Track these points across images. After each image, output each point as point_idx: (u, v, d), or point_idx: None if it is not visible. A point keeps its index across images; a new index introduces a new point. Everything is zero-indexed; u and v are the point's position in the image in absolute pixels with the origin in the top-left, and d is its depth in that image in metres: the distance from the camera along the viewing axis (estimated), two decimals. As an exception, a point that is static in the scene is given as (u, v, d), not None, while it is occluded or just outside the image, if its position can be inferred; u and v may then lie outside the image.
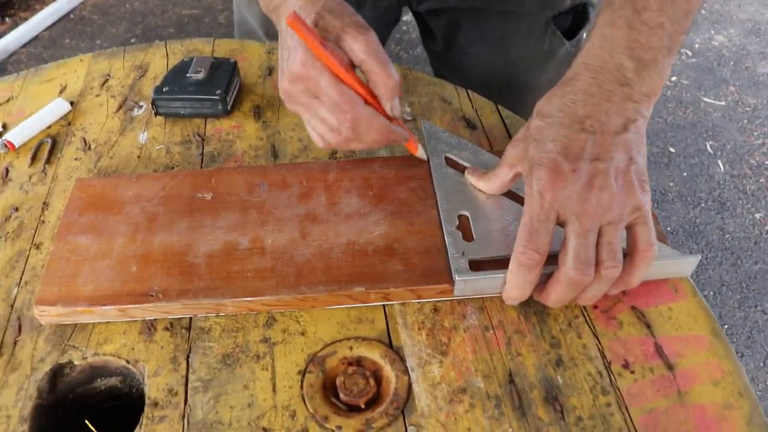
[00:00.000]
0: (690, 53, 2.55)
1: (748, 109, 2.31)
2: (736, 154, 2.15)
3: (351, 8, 0.60)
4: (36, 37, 2.70)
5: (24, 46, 2.65)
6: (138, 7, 2.88)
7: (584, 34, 0.98)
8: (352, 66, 0.59)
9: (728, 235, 1.93)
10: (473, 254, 0.59)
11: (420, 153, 0.68)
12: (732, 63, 2.51)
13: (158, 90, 0.80)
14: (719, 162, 2.13)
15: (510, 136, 0.76)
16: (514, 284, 0.56)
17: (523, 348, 0.57)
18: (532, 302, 0.59)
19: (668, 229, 1.93)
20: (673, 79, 2.43)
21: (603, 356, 0.56)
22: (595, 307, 0.60)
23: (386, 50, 0.60)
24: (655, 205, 1.98)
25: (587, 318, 0.59)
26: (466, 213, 0.63)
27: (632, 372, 0.55)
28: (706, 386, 0.55)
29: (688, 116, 2.29)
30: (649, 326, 0.58)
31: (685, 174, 2.09)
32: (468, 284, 0.58)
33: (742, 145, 2.18)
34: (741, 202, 2.01)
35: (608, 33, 0.56)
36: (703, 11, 2.77)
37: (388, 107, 0.61)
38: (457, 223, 0.62)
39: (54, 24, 2.77)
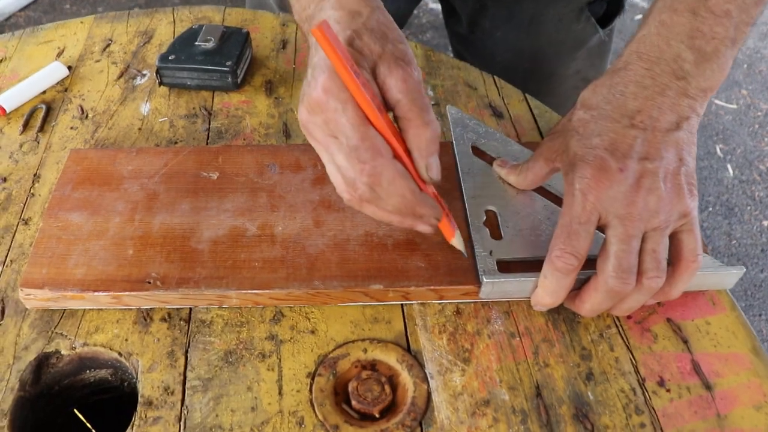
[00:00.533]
0: (703, 53, 2.50)
1: (759, 113, 2.27)
2: (745, 159, 2.11)
3: (399, 32, 0.50)
4: (35, 1, 2.62)
5: (23, 9, 2.57)
6: (141, -25, 2.80)
7: (617, 23, 0.93)
8: (385, 106, 0.47)
9: (735, 241, 1.89)
10: (501, 254, 0.55)
11: (456, 242, 0.53)
12: (745, 66, 2.46)
13: (164, 58, 0.74)
14: (728, 166, 2.08)
15: (539, 127, 0.71)
16: (546, 290, 0.51)
17: (552, 358, 0.52)
18: (561, 309, 0.55)
19: (675, 231, 1.89)
20: (685, 78, 2.38)
21: (637, 371, 0.52)
22: (629, 317, 0.55)
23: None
24: (663, 207, 1.95)
25: (620, 329, 0.54)
26: (494, 209, 0.58)
27: (668, 390, 0.51)
28: (748, 410, 0.50)
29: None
30: (686, 341, 0.54)
31: (693, 176, 2.05)
32: (496, 287, 0.53)
33: (752, 150, 2.14)
34: (749, 208, 1.97)
35: (667, 19, 0.51)
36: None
37: (423, 167, 0.48)
38: (485, 218, 0.57)
39: (54, -12, 2.70)
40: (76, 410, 0.56)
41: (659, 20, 0.51)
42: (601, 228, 0.49)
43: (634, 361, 0.52)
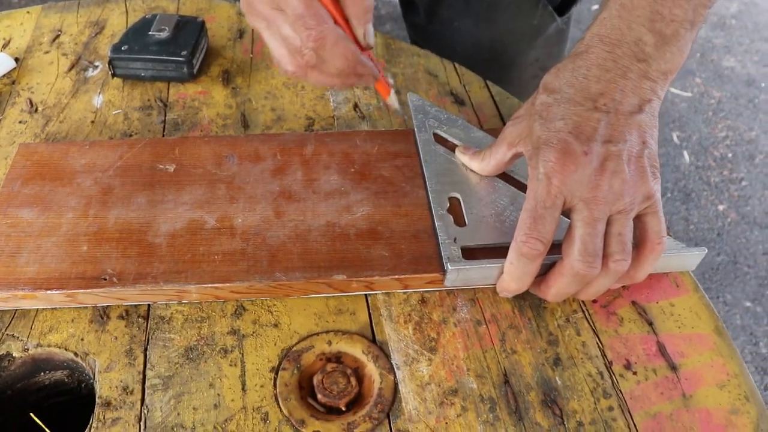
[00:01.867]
0: (658, 42, 2.54)
1: (713, 101, 2.31)
2: (701, 146, 2.15)
3: None
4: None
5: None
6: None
7: (574, 12, 0.93)
8: None
9: (692, 226, 1.92)
10: (466, 241, 0.54)
11: (391, 100, 0.59)
12: (698, 55, 2.50)
13: (116, 49, 0.72)
14: (685, 153, 2.12)
15: (500, 114, 0.71)
16: (512, 276, 0.50)
17: (519, 345, 0.52)
18: (527, 295, 0.54)
19: (634, 218, 1.92)
20: (641, 67, 2.41)
21: (604, 355, 0.52)
22: (594, 301, 0.55)
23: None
24: (622, 194, 1.97)
25: (586, 313, 0.54)
26: (457, 195, 0.58)
27: (635, 373, 0.51)
28: (712, 389, 0.51)
29: (655, 105, 2.28)
30: (651, 323, 0.54)
31: (651, 163, 2.08)
32: (461, 274, 0.52)
33: (707, 137, 2.18)
34: (705, 193, 2.01)
35: (627, 2, 0.51)
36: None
37: (361, 33, 0.53)
38: (448, 205, 0.57)
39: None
40: (32, 414, 0.54)
41: (620, 3, 0.51)
42: (566, 212, 0.49)
43: (600, 345, 0.52)
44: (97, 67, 0.76)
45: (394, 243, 0.54)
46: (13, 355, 0.51)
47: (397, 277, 0.53)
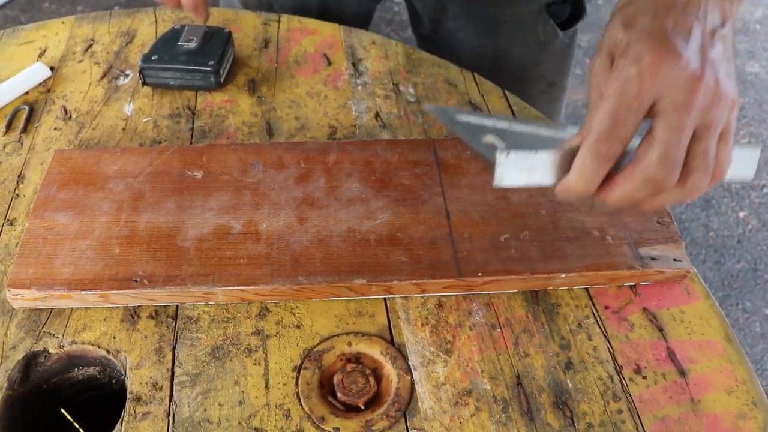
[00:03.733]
0: (680, 47, 2.54)
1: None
2: (722, 152, 2.15)
3: None
4: (12, 0, 2.60)
5: (0, 7, 2.55)
6: (120, -26, 2.79)
7: (579, 27, 0.95)
8: None
9: (712, 233, 1.92)
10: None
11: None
12: (721, 59, 2.50)
13: (146, 58, 0.75)
14: (706, 158, 2.12)
15: (517, 124, 0.73)
16: (583, 176, 0.46)
17: (532, 349, 0.54)
18: (540, 300, 0.56)
19: (654, 224, 1.92)
20: (663, 72, 2.42)
21: (614, 360, 0.53)
22: (606, 307, 0.57)
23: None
24: (642, 200, 1.98)
25: (598, 319, 0.56)
26: (495, 142, 0.57)
27: (644, 377, 0.53)
28: (720, 395, 0.52)
29: (676, 111, 2.28)
30: (661, 329, 0.56)
31: (671, 169, 2.08)
32: (512, 163, 0.47)
33: (729, 143, 2.17)
34: (726, 200, 2.01)
35: None
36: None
37: None
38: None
39: (32, -13, 2.68)
40: (63, 410, 0.57)
41: None
42: (649, 115, 0.46)
43: (611, 350, 0.54)
44: (128, 75, 0.79)
45: (413, 249, 0.56)
46: (50, 351, 0.54)
47: (415, 281, 0.55)
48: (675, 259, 0.58)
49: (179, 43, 0.77)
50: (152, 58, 0.75)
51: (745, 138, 2.19)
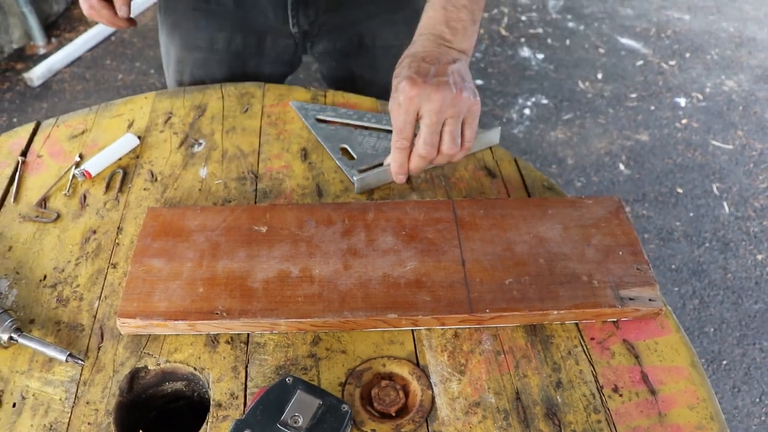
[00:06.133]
0: (701, 97, 2.65)
1: (754, 153, 2.41)
2: (741, 197, 2.24)
3: None
4: (79, 58, 2.84)
5: (68, 65, 2.79)
6: (174, 32, 3.02)
7: None
8: None
9: (730, 275, 2.01)
10: (359, 166, 0.89)
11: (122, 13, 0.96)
12: (741, 108, 2.60)
13: (238, 428, 0.59)
14: (725, 204, 2.22)
15: (525, 186, 0.87)
16: (396, 163, 0.80)
17: (529, 371, 0.67)
18: (537, 332, 0.70)
19: (672, 266, 2.02)
20: (684, 121, 2.53)
21: (596, 381, 0.67)
22: (592, 338, 0.70)
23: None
24: (662, 243, 2.08)
25: (584, 348, 0.69)
26: (345, 145, 0.93)
27: (621, 395, 0.66)
28: (683, 410, 0.65)
29: (696, 158, 2.38)
30: (637, 357, 0.69)
31: (691, 214, 2.18)
32: (364, 180, 0.85)
33: (747, 188, 2.27)
34: (744, 243, 2.10)
35: (431, 13, 0.82)
36: (715, 56, 2.88)
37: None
38: (341, 153, 0.91)
39: (96, 45, 2.92)
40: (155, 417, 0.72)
41: (427, 15, 0.82)
42: (419, 120, 0.76)
43: (594, 373, 0.67)
44: (201, 144, 0.95)
45: (435, 290, 0.71)
46: (149, 367, 0.69)
47: (436, 316, 0.69)
48: (650, 299, 0.71)
49: (283, 419, 0.59)
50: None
51: (764, 183, 2.28)
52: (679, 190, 2.26)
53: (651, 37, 3.01)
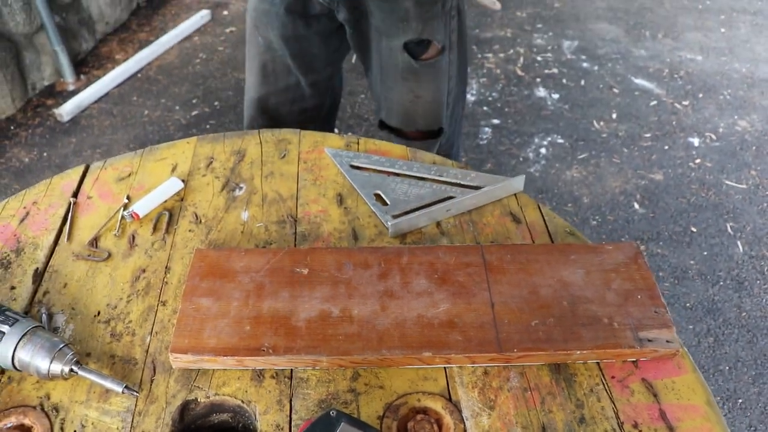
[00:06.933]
0: (714, 137, 2.71)
1: (768, 193, 2.45)
2: (755, 236, 2.28)
3: None
4: (107, 94, 2.94)
5: (96, 101, 2.89)
6: (199, 70, 3.12)
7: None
8: None
9: (745, 314, 2.04)
10: (392, 211, 0.95)
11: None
12: (754, 148, 2.65)
13: None
14: (739, 243, 2.26)
15: (548, 231, 0.92)
16: None
17: (554, 407, 0.72)
18: (561, 370, 0.75)
19: (687, 305, 2.06)
20: (697, 161, 2.58)
21: (617, 417, 0.71)
22: (613, 377, 0.75)
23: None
24: (676, 282, 2.11)
25: (606, 386, 0.74)
26: (378, 191, 0.98)
27: (640, 431, 0.70)
28: (700, 446, 0.69)
29: (710, 198, 2.43)
30: (656, 395, 0.73)
31: (705, 253, 2.22)
32: (398, 225, 0.92)
33: (761, 228, 2.31)
34: (758, 282, 2.13)
35: None
36: (728, 97, 2.93)
37: None
38: (374, 199, 0.97)
39: (123, 82, 3.02)
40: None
41: None
42: None
43: (615, 410, 0.72)
44: (241, 188, 1.02)
45: (466, 330, 0.76)
46: (199, 400, 0.74)
47: (467, 355, 0.74)
48: (667, 341, 0.76)
49: None
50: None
51: (776, 223, 2.31)
52: (693, 229, 2.30)
53: (664, 78, 3.08)
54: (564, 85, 3.02)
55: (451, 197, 0.96)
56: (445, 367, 0.75)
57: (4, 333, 0.73)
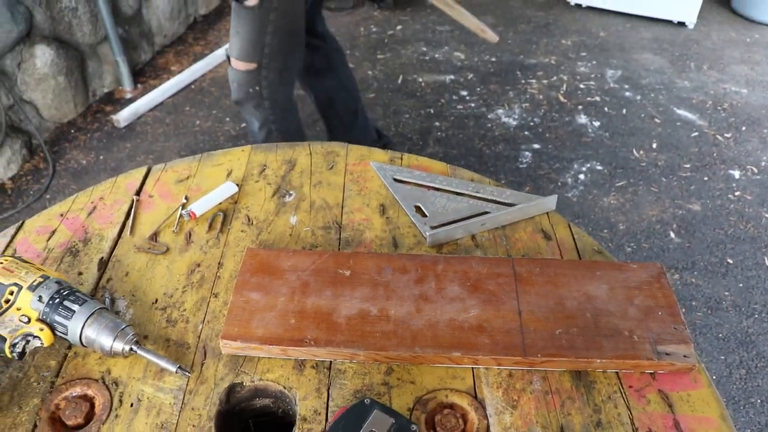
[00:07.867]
0: (755, 170, 2.71)
1: (807, 228, 2.44)
2: (792, 271, 2.28)
3: None
4: (161, 103, 3.07)
5: (151, 110, 3.02)
6: (250, 84, 3.24)
7: None
8: None
9: None
10: (431, 223, 1.01)
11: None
12: (795, 182, 2.65)
13: None
14: (775, 276, 2.26)
15: (577, 249, 0.98)
16: None
17: (573, 410, 0.77)
18: (582, 377, 0.80)
19: (720, 335, 2.07)
20: (737, 193, 2.59)
21: (632, 423, 0.76)
22: (630, 386, 0.79)
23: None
24: (709, 312, 2.13)
25: (623, 394, 0.79)
26: (419, 204, 1.05)
27: (654, 439, 0.75)
28: (711, 456, 0.73)
29: (748, 230, 2.43)
30: (671, 406, 0.78)
31: (741, 285, 2.23)
32: (436, 236, 0.98)
33: (799, 263, 2.31)
34: (789, 314, 2.13)
35: None
36: (772, 132, 2.94)
37: None
38: (415, 211, 1.04)
39: (177, 93, 3.15)
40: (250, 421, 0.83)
41: None
42: None
43: (631, 416, 0.76)
44: (291, 195, 1.09)
45: (493, 335, 0.81)
46: (245, 383, 0.81)
47: (494, 357, 0.79)
48: (684, 356, 0.80)
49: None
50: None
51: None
52: (730, 261, 2.31)
53: (707, 110, 3.09)
54: (605, 113, 3.06)
55: (486, 212, 1.02)
56: (472, 368, 0.81)
57: (74, 311, 0.80)
